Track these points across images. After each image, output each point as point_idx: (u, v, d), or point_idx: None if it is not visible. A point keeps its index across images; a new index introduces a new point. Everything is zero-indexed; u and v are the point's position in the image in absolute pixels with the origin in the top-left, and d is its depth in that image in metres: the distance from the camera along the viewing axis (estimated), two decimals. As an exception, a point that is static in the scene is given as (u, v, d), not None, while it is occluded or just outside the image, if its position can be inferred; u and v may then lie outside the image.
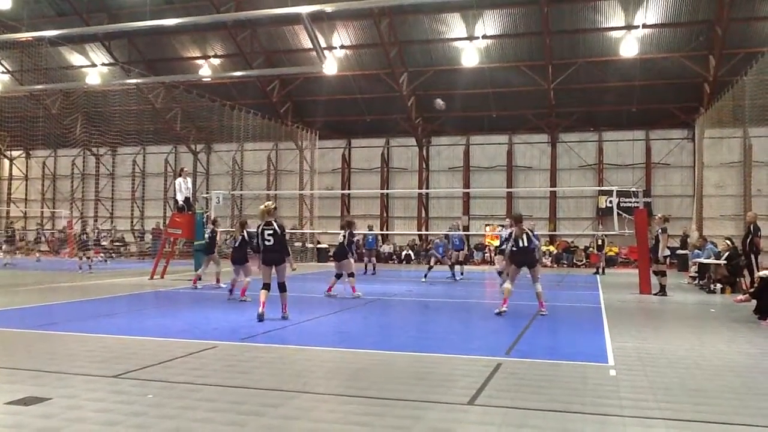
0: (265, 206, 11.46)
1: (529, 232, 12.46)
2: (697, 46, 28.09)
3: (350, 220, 16.50)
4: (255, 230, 11.48)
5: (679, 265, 24.55)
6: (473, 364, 7.58)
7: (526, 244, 12.27)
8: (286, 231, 11.83)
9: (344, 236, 15.58)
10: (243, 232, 15.05)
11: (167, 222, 23.78)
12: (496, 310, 12.03)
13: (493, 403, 5.85)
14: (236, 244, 15.17)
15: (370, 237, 25.48)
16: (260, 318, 10.73)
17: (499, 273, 16.60)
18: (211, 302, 14.75)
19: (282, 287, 11.29)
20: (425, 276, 20.56)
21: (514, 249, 12.37)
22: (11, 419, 5.17)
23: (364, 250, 24.80)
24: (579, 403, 5.84)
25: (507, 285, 12.41)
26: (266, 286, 11.23)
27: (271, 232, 11.15)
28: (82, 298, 14.52)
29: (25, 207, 42.50)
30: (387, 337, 10.19)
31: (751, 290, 13.52)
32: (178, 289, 16.99)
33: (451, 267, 21.23)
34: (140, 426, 5.00)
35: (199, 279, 17.31)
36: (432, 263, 21.49)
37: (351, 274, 15.36)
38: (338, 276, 15.57)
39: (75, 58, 35.61)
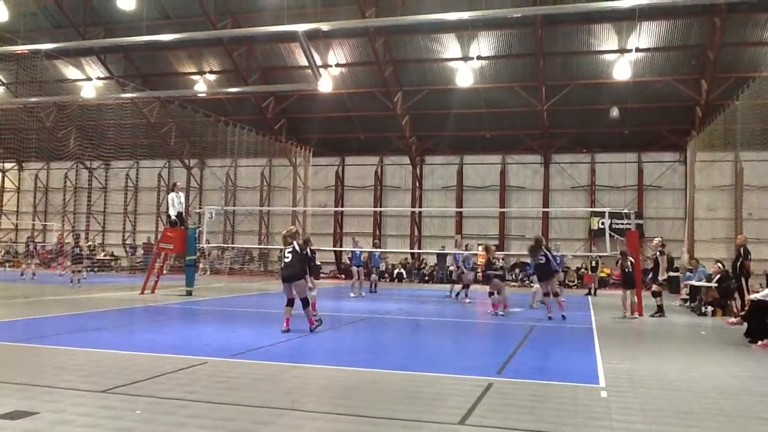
0: (288, 231, 12.31)
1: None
2: (690, 70, 28.34)
3: (538, 236, 16.74)
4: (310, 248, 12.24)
5: (670, 287, 24.58)
6: (464, 384, 7.55)
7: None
8: (309, 249, 12.28)
9: (545, 255, 15.66)
10: (306, 249, 15.22)
11: (159, 237, 23.72)
12: None
13: (483, 424, 5.83)
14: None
15: (376, 254, 25.07)
16: (284, 332, 11.35)
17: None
18: (202, 318, 14.70)
19: (304, 303, 11.74)
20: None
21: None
22: (-3, 433, 5.12)
23: (353, 268, 23.94)
24: (570, 425, 5.83)
25: None
26: (290, 303, 11.76)
27: (290, 249, 11.80)
28: (72, 312, 14.41)
29: (17, 219, 42.28)
30: (378, 355, 10.15)
31: (742, 313, 13.57)
32: (168, 304, 16.90)
33: (466, 287, 20.78)
34: (128, 442, 4.96)
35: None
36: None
37: (556, 294, 15.65)
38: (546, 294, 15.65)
39: (70, 72, 35.64)
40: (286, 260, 11.75)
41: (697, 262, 20.43)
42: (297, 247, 11.80)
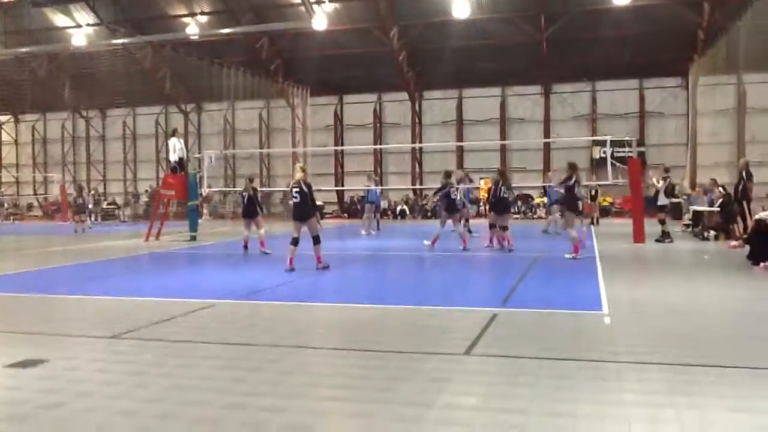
0: (302, 167, 12.23)
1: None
2: (691, -9, 27.71)
3: (501, 169, 16.56)
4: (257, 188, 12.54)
5: (673, 213, 24.59)
6: (469, 316, 7.63)
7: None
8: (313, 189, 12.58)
9: (499, 188, 15.19)
10: (249, 188, 15.55)
11: (160, 183, 23.68)
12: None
13: (489, 353, 5.91)
14: (245, 201, 15.53)
15: (376, 191, 24.52)
16: (288, 271, 11.37)
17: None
18: (208, 262, 14.81)
19: (315, 240, 11.78)
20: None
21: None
22: (10, 381, 5.20)
23: (367, 205, 23.56)
24: (574, 351, 5.90)
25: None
26: (294, 241, 11.82)
27: (297, 189, 11.77)
28: (78, 262, 14.51)
29: (17, 172, 42.22)
30: (383, 291, 10.24)
31: (745, 236, 13.61)
32: (173, 250, 16.99)
33: (466, 221, 20.66)
34: (140, 385, 5.04)
35: (246, 246, 15.30)
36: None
37: (504, 227, 15.20)
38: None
39: (59, 19, 34.93)
40: (296, 200, 11.84)
41: (716, 183, 19.64)
42: (303, 186, 11.77)
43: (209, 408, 4.49)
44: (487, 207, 16.62)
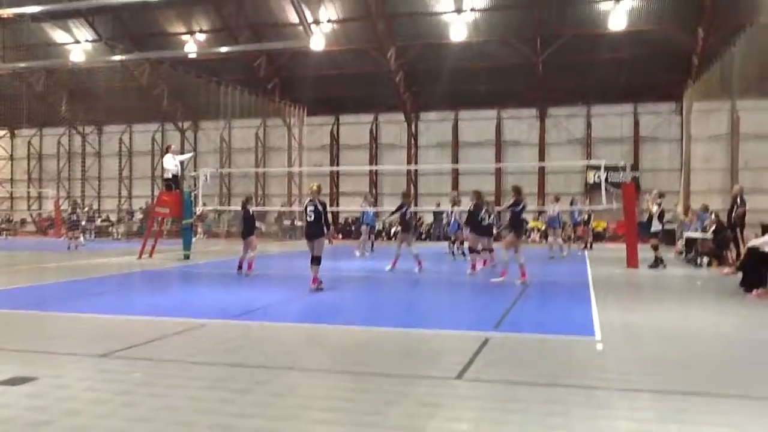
0: (317, 186, 12.32)
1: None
2: (686, 17, 27.97)
3: (477, 191, 16.48)
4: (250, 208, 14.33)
5: (666, 239, 24.63)
6: (461, 339, 7.61)
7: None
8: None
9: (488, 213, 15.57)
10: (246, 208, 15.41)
11: (155, 201, 23.68)
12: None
13: (480, 378, 5.89)
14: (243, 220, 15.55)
15: (371, 213, 24.58)
16: (317, 289, 11.65)
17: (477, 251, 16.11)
18: (199, 281, 14.75)
19: (315, 260, 11.89)
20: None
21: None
22: (-2, 400, 5.15)
23: (363, 227, 23.70)
24: (566, 377, 5.88)
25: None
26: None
27: (312, 208, 11.88)
28: (70, 278, 14.44)
29: (11, 187, 42.11)
30: (376, 313, 10.22)
31: (738, 263, 13.64)
32: (167, 269, 16.93)
33: (460, 244, 20.74)
34: (128, 404, 5.00)
35: (240, 267, 14.82)
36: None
37: (491, 250, 15.59)
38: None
39: (58, 35, 35.05)
40: (309, 219, 11.90)
41: (706, 208, 19.79)
42: (319, 206, 11.84)
43: (196, 429, 4.46)
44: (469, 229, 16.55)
